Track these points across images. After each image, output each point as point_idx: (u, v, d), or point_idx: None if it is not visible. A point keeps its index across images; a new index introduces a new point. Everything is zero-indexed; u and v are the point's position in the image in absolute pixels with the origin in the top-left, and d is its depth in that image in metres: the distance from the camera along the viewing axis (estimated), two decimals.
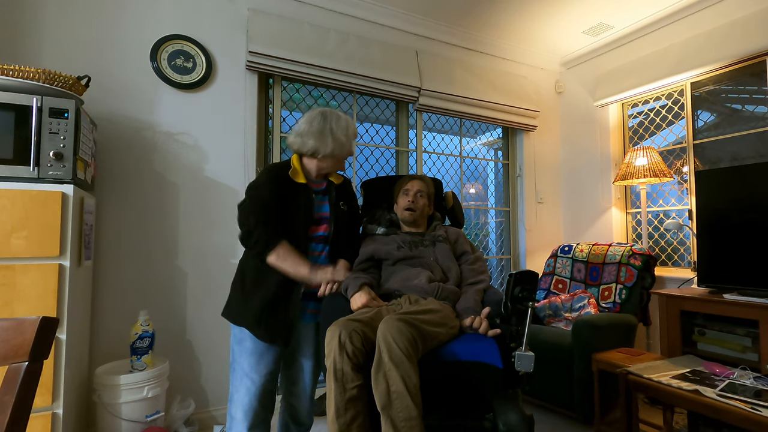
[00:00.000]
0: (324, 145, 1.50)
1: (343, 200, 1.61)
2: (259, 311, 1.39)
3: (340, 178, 1.64)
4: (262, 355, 1.41)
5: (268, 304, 1.39)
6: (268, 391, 1.43)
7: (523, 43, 3.30)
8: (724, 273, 2.01)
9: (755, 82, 2.50)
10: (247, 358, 1.41)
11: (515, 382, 1.41)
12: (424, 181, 1.91)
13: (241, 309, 1.43)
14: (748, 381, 1.57)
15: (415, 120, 3.04)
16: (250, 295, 1.42)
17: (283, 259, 1.38)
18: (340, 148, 1.52)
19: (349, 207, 1.64)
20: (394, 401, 1.20)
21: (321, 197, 1.56)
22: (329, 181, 1.60)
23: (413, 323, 1.31)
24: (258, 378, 1.40)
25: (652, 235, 2.98)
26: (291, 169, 1.50)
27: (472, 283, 1.69)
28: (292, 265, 1.39)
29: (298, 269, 1.39)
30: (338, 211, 1.57)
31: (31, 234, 1.50)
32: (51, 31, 2.01)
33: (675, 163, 2.86)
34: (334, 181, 1.60)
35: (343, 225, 1.59)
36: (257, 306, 1.39)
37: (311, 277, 1.39)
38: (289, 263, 1.39)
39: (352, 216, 1.66)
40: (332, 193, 1.58)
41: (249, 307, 1.40)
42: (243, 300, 1.43)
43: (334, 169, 1.58)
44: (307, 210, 1.49)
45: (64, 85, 1.61)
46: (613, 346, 2.13)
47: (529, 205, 3.42)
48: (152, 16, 2.23)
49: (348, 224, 1.63)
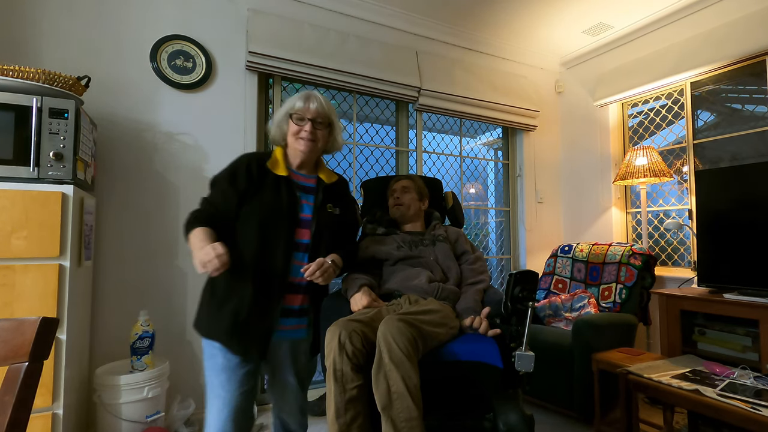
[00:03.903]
0: (275, 130, 1.38)
1: (332, 202, 1.39)
2: (231, 323, 1.22)
3: (333, 176, 1.43)
4: (234, 371, 1.25)
5: (242, 316, 1.22)
6: (242, 410, 1.26)
7: (523, 43, 3.30)
8: (724, 273, 2.01)
9: (755, 82, 2.50)
10: (217, 376, 1.25)
11: (515, 382, 1.41)
12: (409, 178, 1.92)
13: (212, 320, 1.25)
14: (749, 381, 1.57)
15: (415, 120, 3.04)
16: (221, 305, 1.24)
17: (191, 243, 1.18)
18: (278, 129, 1.37)
19: (342, 211, 1.41)
20: (394, 401, 1.20)
21: (306, 195, 1.35)
22: (319, 178, 1.39)
23: (413, 323, 1.31)
24: (229, 397, 1.24)
25: (652, 234, 2.98)
26: (270, 158, 1.32)
27: (472, 283, 1.69)
28: (193, 245, 1.17)
29: (195, 250, 1.15)
30: (323, 215, 1.34)
31: (31, 234, 1.50)
32: (51, 32, 2.01)
33: (675, 163, 2.86)
34: (324, 179, 1.39)
35: (329, 232, 1.35)
36: (230, 317, 1.22)
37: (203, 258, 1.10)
38: (193, 244, 1.17)
39: (344, 222, 1.42)
40: (318, 192, 1.36)
41: (221, 318, 1.23)
42: (214, 310, 1.25)
43: (307, 159, 1.36)
44: (291, 208, 1.28)
45: (64, 86, 1.61)
46: (614, 346, 2.13)
47: (529, 204, 3.42)
48: (152, 17, 2.23)
49: (338, 232, 1.39)
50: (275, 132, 1.38)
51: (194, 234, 1.19)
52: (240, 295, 1.22)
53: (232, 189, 1.26)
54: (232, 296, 1.23)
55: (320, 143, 1.35)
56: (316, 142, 1.33)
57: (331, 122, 1.37)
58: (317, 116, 1.32)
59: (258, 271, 1.23)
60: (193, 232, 1.20)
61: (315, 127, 1.32)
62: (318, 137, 1.33)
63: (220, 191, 1.27)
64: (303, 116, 1.31)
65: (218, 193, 1.28)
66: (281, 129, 1.36)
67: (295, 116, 1.31)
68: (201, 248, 1.11)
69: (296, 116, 1.31)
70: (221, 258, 1.09)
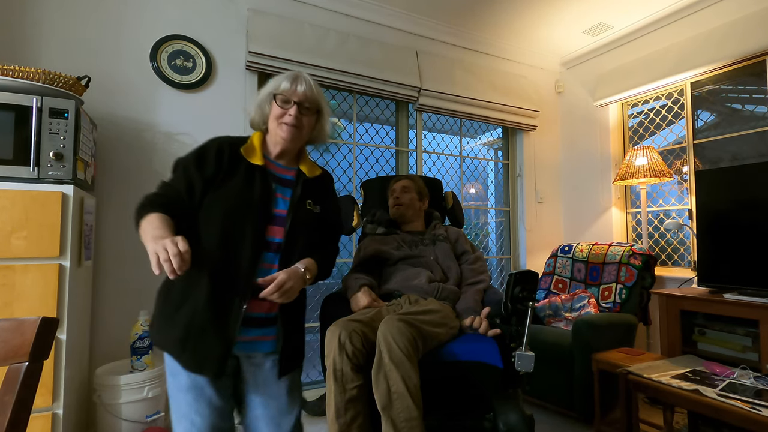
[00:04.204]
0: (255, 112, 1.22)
1: (312, 198, 1.21)
2: (184, 330, 1.03)
3: (316, 169, 1.25)
4: (203, 389, 1.05)
5: (196, 320, 1.03)
6: (218, 430, 1.07)
7: (523, 43, 3.30)
8: (725, 273, 2.01)
9: (755, 82, 2.50)
10: (184, 395, 1.06)
11: (515, 382, 1.41)
12: (409, 178, 1.92)
13: (164, 328, 1.07)
14: (749, 381, 1.57)
15: (415, 120, 3.04)
16: (175, 308, 1.06)
17: (143, 231, 0.98)
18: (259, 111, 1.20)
19: (323, 209, 1.22)
20: (394, 401, 1.20)
21: (283, 189, 1.17)
22: (300, 171, 1.21)
23: (413, 323, 1.31)
24: (200, 419, 1.05)
25: (652, 234, 2.98)
26: (245, 144, 1.16)
27: (472, 283, 1.69)
28: (146, 234, 0.96)
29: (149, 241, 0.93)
30: (300, 212, 1.16)
31: (31, 234, 1.50)
32: (51, 32, 2.01)
33: (675, 163, 2.86)
34: (305, 172, 1.21)
35: (306, 231, 1.16)
36: (183, 323, 1.04)
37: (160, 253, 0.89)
38: (146, 233, 0.96)
39: (324, 221, 1.23)
40: (297, 186, 1.18)
41: (173, 326, 1.05)
42: (168, 315, 1.07)
43: (289, 148, 1.19)
44: (264, 201, 1.10)
45: (64, 86, 1.61)
46: (613, 346, 2.13)
47: (529, 204, 3.42)
48: (152, 17, 2.23)
49: (315, 232, 1.20)
50: (255, 114, 1.21)
51: (148, 220, 0.99)
52: (195, 299, 1.04)
53: (198, 174, 1.09)
54: (186, 300, 1.05)
55: (305, 131, 1.19)
56: (300, 129, 1.16)
57: (319, 108, 1.21)
58: (305, 100, 1.16)
59: (218, 272, 1.05)
60: (146, 218, 1.00)
61: (301, 112, 1.15)
62: (303, 124, 1.17)
63: (183, 175, 1.10)
64: (289, 99, 1.15)
65: (181, 176, 1.10)
66: (263, 111, 1.20)
67: (279, 98, 1.15)
68: (157, 240, 0.91)
69: (281, 98, 1.15)
70: (183, 256, 0.88)
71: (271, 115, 1.17)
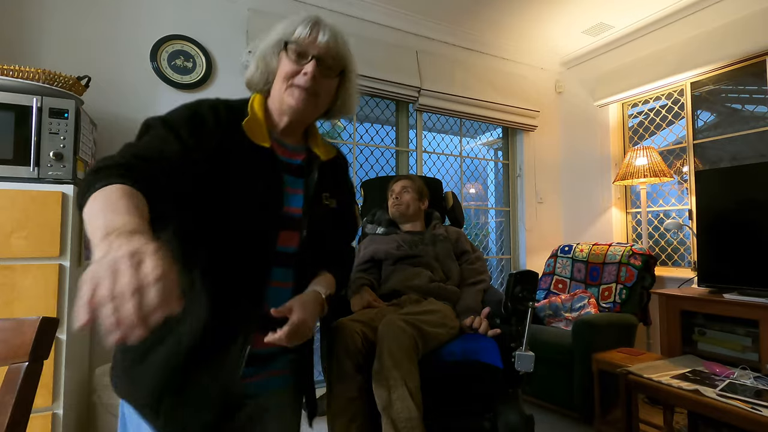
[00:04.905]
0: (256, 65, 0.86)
1: (328, 190, 0.90)
2: (158, 381, 0.71)
3: (331, 150, 0.94)
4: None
5: (176, 366, 0.71)
6: None
7: (523, 43, 3.30)
8: (724, 273, 2.01)
9: (755, 82, 2.50)
10: None
11: (515, 382, 1.41)
12: (409, 178, 1.92)
13: (130, 373, 0.74)
14: (749, 381, 1.57)
15: (415, 120, 3.04)
16: (147, 347, 0.72)
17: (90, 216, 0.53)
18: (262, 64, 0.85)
19: (339, 202, 0.93)
20: (394, 401, 1.19)
21: (294, 180, 0.85)
22: (311, 153, 0.89)
23: (414, 324, 1.31)
24: None
25: (652, 235, 2.98)
26: (248, 117, 0.81)
27: (472, 283, 1.69)
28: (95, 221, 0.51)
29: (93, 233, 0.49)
30: (317, 210, 0.87)
31: (31, 234, 1.50)
32: (51, 32, 2.01)
33: (675, 163, 2.86)
34: (320, 155, 0.89)
35: (324, 235, 0.88)
36: (155, 371, 0.71)
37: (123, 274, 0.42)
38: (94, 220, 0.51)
39: (341, 219, 0.95)
40: (314, 174, 0.87)
41: (143, 372, 0.72)
42: (136, 356, 0.73)
43: (298, 120, 0.85)
44: (275, 198, 0.80)
45: (64, 86, 1.61)
46: (613, 346, 2.13)
47: (529, 205, 3.42)
48: (152, 16, 2.23)
49: (333, 233, 0.93)
50: (257, 68, 0.86)
51: (102, 197, 0.54)
52: (176, 336, 0.71)
53: (193, 140, 0.71)
54: (163, 338, 0.71)
55: (323, 98, 0.85)
56: (317, 96, 0.82)
57: (345, 68, 0.86)
58: (327, 54, 0.81)
59: (212, 298, 0.73)
60: (97, 194, 0.55)
61: (321, 72, 0.81)
62: (322, 89, 0.82)
63: (170, 134, 0.71)
64: (305, 51, 0.80)
65: (167, 135, 0.71)
66: (267, 65, 0.84)
67: (292, 49, 0.80)
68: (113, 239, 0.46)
69: (294, 49, 0.80)
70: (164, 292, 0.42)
71: (279, 72, 0.82)
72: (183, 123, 0.73)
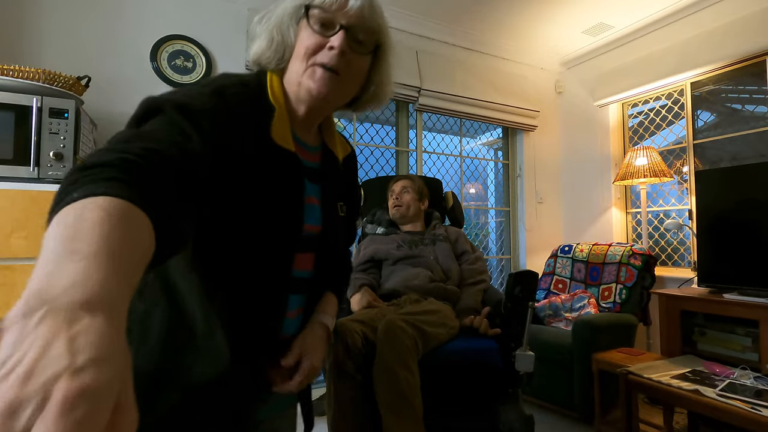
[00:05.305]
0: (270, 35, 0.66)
1: (343, 197, 0.77)
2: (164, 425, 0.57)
3: (347, 145, 0.81)
4: None
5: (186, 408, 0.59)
6: None
7: (523, 43, 3.30)
8: (725, 273, 2.01)
9: (755, 82, 2.50)
10: None
11: (515, 382, 1.41)
12: (409, 178, 1.92)
13: None
14: (749, 381, 1.57)
15: (415, 120, 3.04)
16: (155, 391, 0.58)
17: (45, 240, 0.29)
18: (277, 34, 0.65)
19: (348, 208, 0.80)
20: (394, 401, 1.20)
21: (312, 187, 0.70)
22: (327, 151, 0.73)
23: (414, 324, 1.31)
24: None
25: (652, 235, 2.98)
26: (275, 113, 0.62)
27: (472, 283, 1.69)
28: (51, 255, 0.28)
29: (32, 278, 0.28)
30: (334, 222, 0.73)
31: (31, 234, 1.49)
32: (51, 32, 2.01)
33: (675, 163, 2.86)
34: (337, 153, 0.75)
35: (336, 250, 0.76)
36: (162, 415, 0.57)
37: None
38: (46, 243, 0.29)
39: (349, 222, 0.83)
40: (329, 181, 0.73)
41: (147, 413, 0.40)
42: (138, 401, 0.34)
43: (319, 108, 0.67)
44: (297, 216, 0.65)
45: (64, 86, 1.61)
46: (613, 346, 2.13)
47: (529, 205, 3.42)
48: (152, 17, 2.23)
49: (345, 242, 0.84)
50: (269, 43, 0.66)
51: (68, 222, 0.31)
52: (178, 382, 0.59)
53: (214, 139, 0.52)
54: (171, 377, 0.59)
55: (351, 83, 0.67)
56: (347, 76, 0.64)
57: (380, 43, 0.68)
58: (358, 24, 0.63)
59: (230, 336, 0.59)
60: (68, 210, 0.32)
61: (350, 46, 0.63)
62: (351, 69, 0.64)
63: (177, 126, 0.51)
64: (332, 19, 0.62)
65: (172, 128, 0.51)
66: (283, 37, 0.65)
67: (315, 15, 0.63)
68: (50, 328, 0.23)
69: (318, 15, 0.63)
70: None
71: (298, 47, 0.64)
72: (207, 114, 0.53)
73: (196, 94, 0.56)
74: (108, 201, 0.32)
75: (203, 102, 0.55)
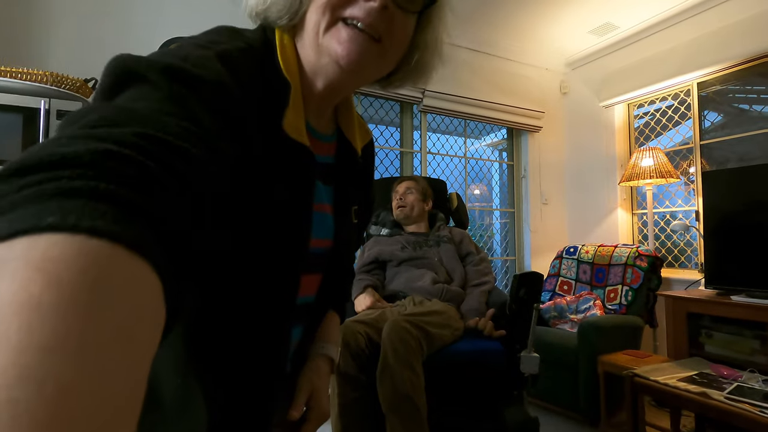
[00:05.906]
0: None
1: (356, 201, 0.61)
2: None
3: (367, 134, 0.65)
4: None
5: None
6: None
7: (528, 44, 3.29)
8: (732, 275, 1.99)
9: (763, 82, 2.48)
10: None
11: (520, 384, 1.41)
12: (413, 179, 1.92)
13: None
14: (757, 384, 1.55)
15: (420, 121, 3.04)
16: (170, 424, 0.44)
17: None
18: None
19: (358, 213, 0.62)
20: (399, 402, 1.19)
21: (321, 189, 0.53)
22: (344, 141, 0.56)
23: (418, 325, 1.31)
24: None
25: (658, 236, 2.96)
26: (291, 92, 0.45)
27: (476, 285, 1.69)
28: None
29: None
30: (344, 234, 0.57)
31: None
32: (59, 34, 2.03)
33: (681, 164, 2.84)
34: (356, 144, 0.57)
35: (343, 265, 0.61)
36: None
37: None
38: None
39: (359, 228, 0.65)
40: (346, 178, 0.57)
41: None
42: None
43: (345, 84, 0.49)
44: (305, 229, 0.48)
45: (71, 88, 1.63)
46: (619, 348, 2.12)
47: (533, 206, 3.40)
48: (159, 19, 2.24)
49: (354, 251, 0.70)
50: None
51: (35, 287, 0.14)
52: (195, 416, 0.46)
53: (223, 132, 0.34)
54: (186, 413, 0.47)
55: (392, 48, 0.47)
56: (387, 42, 0.46)
57: None
58: None
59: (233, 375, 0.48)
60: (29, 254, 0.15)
61: (393, 2, 0.44)
62: (394, 31, 0.46)
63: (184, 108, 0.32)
64: None
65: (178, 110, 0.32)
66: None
67: None
68: None
69: None
70: None
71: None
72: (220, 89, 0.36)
73: (197, 57, 0.37)
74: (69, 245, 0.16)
75: (209, 70, 0.36)
